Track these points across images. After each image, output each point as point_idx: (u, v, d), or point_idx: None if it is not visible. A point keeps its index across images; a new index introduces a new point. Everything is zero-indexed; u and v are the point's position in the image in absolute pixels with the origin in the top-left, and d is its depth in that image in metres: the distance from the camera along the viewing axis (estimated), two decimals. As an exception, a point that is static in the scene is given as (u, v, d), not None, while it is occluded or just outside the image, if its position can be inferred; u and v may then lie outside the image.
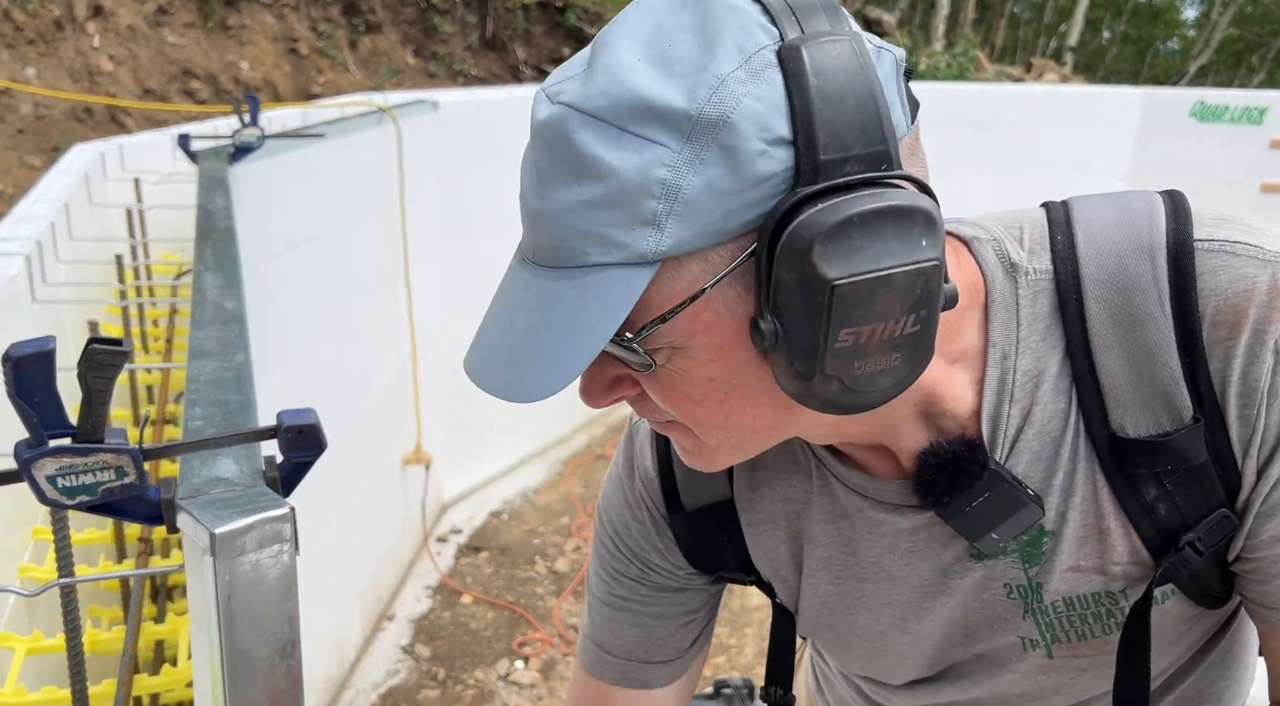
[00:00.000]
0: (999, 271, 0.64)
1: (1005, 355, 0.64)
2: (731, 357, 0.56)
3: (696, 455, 0.65)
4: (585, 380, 0.63)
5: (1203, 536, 0.63)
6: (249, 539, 0.63)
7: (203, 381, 0.86)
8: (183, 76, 6.04)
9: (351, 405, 3.16)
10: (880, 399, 0.56)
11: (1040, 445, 0.64)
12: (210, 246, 1.32)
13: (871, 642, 0.78)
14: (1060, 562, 0.67)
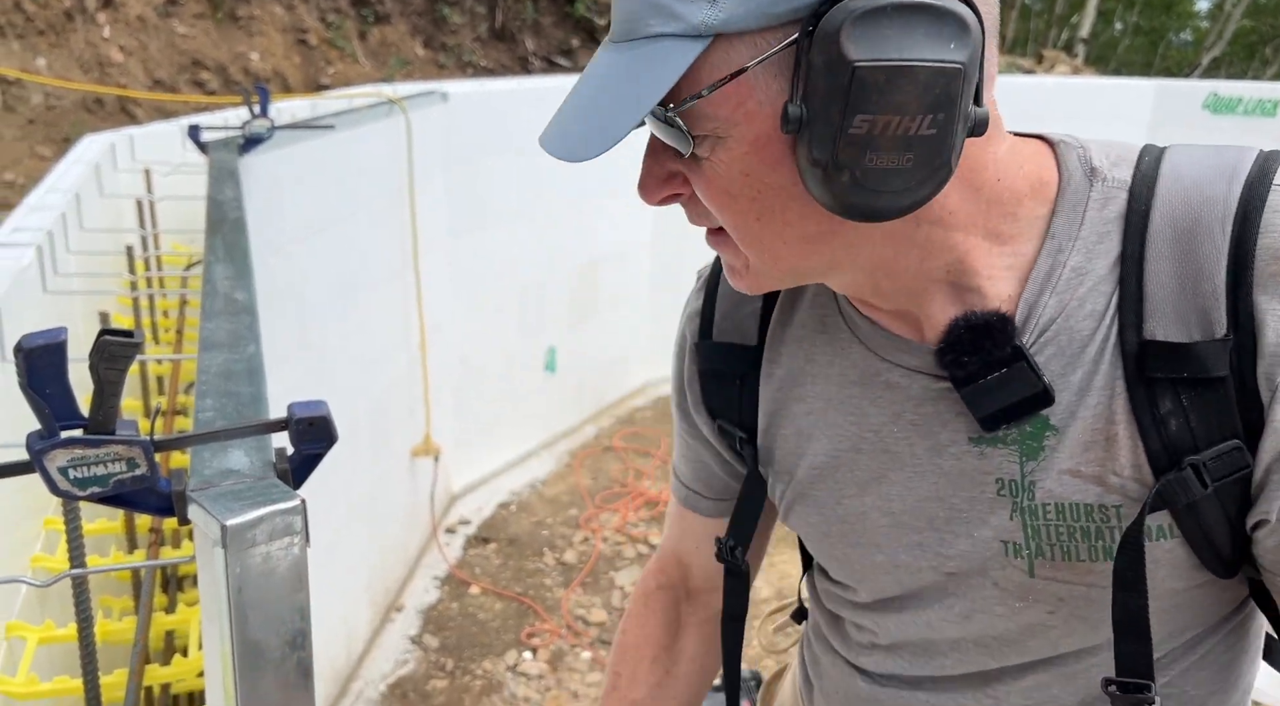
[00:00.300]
0: (1077, 172, 0.66)
1: (1060, 249, 0.65)
2: (767, 152, 0.59)
3: (741, 274, 0.68)
4: (643, 173, 0.66)
5: (1209, 463, 0.61)
6: (260, 531, 0.63)
7: (213, 373, 0.86)
8: (192, 67, 6.05)
9: (360, 396, 3.17)
10: (891, 205, 0.57)
11: (1067, 340, 0.65)
12: (220, 237, 1.32)
13: (851, 525, 0.77)
14: (1059, 462, 0.66)
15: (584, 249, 4.77)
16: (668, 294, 5.38)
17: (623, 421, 5.13)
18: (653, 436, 4.92)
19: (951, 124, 0.55)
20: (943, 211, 0.63)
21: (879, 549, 0.76)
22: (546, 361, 4.68)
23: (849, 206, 0.57)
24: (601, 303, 4.99)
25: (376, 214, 3.27)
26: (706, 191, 0.63)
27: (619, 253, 5.03)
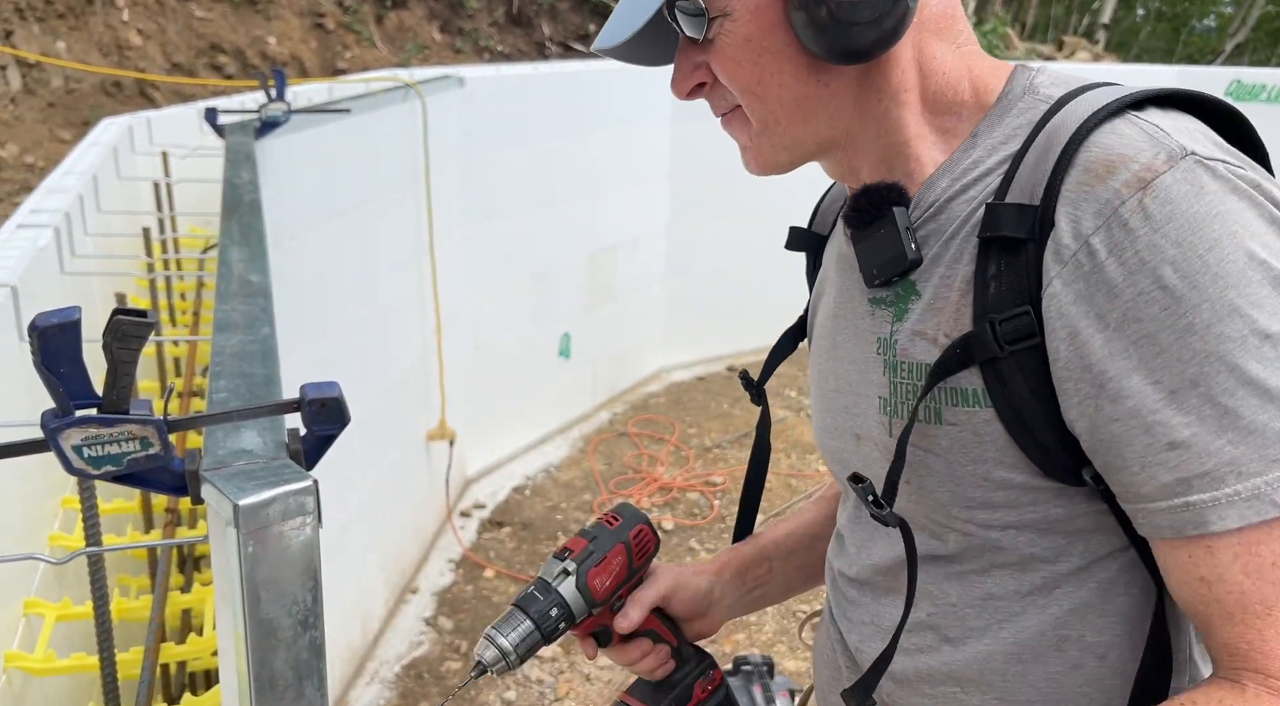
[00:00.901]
0: (1017, 87, 0.74)
1: (974, 146, 0.73)
2: (763, 18, 0.70)
3: (749, 149, 0.78)
4: (675, 69, 0.77)
5: (1002, 324, 0.66)
6: (272, 511, 0.63)
7: (228, 354, 0.86)
8: (210, 51, 6.06)
9: (376, 380, 3.18)
10: (867, 37, 0.67)
11: (947, 219, 0.72)
12: (236, 220, 1.33)
13: (823, 391, 0.87)
14: (912, 324, 0.73)
15: (599, 235, 4.76)
16: (682, 280, 5.39)
17: (637, 407, 5.13)
18: (666, 423, 4.92)
19: None
20: (899, 87, 0.73)
21: (828, 412, 0.86)
22: (561, 347, 4.69)
23: (830, 45, 0.68)
24: (616, 289, 4.98)
25: (392, 198, 3.27)
26: (720, 65, 0.73)
27: (634, 239, 5.02)
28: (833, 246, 0.89)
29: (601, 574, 0.88)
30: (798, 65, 0.71)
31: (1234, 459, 0.60)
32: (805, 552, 1.02)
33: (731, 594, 0.98)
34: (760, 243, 5.59)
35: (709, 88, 0.77)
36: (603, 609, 0.90)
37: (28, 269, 1.19)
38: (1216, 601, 0.63)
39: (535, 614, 0.85)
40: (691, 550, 3.83)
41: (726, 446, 4.69)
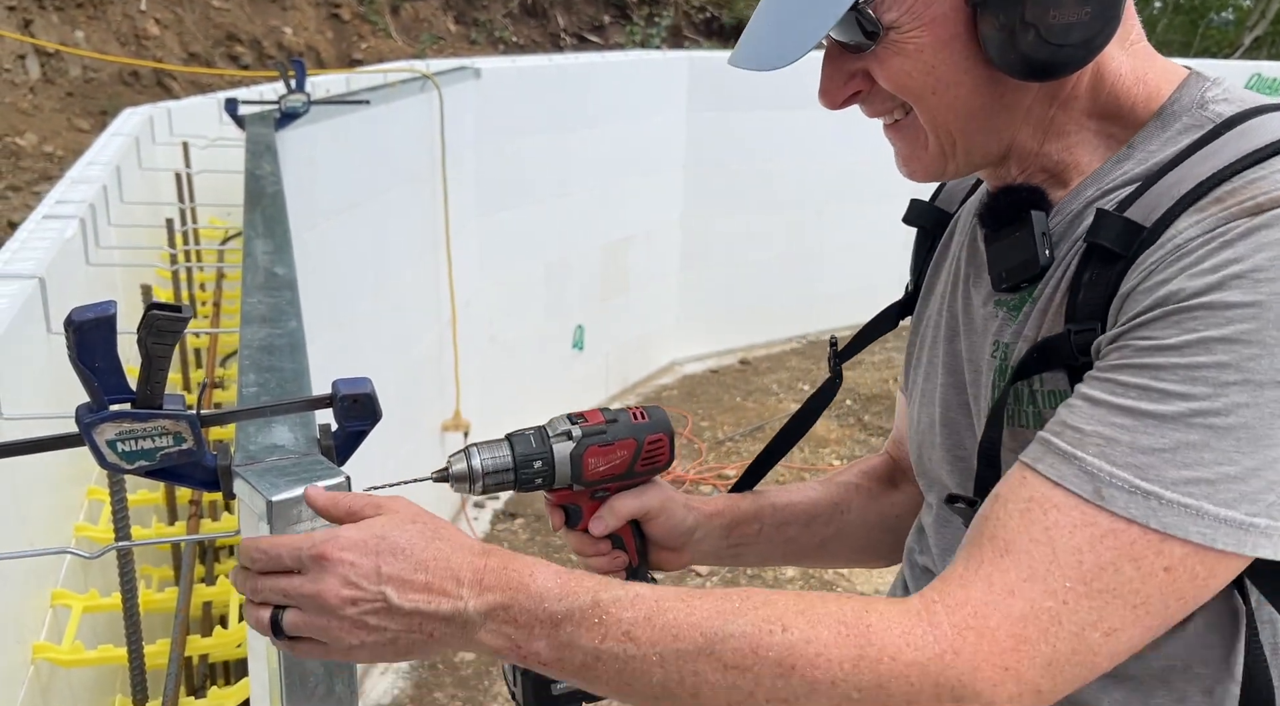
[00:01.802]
0: (1186, 98, 0.71)
1: (1128, 157, 0.70)
2: (942, 31, 0.67)
3: (918, 158, 0.75)
4: (824, 78, 0.74)
5: (1074, 335, 0.66)
6: (305, 507, 0.64)
7: (255, 347, 0.87)
8: (227, 41, 6.07)
9: (391, 371, 3.19)
10: (1070, 58, 0.65)
11: (1079, 226, 0.70)
12: (260, 212, 1.33)
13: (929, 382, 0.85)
14: (1024, 329, 0.72)
15: (613, 227, 4.75)
16: (696, 273, 5.37)
17: (649, 400, 5.12)
18: (678, 415, 4.92)
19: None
20: (1073, 94, 0.71)
21: (928, 406, 0.83)
22: (574, 339, 4.68)
23: (1031, 65, 0.65)
24: (630, 281, 4.98)
25: (408, 189, 3.27)
26: (890, 76, 0.70)
27: (647, 231, 5.01)
28: (962, 234, 0.87)
29: (600, 456, 0.85)
30: (976, 78, 0.69)
31: (1108, 437, 0.59)
32: (798, 528, 0.99)
33: (712, 541, 0.95)
34: (774, 236, 5.59)
35: (865, 94, 0.74)
36: (584, 490, 0.86)
37: (54, 261, 1.19)
38: (985, 519, 0.63)
39: (519, 455, 0.81)
40: (704, 543, 3.83)
41: (739, 439, 4.68)
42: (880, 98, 0.73)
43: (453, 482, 0.80)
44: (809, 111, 4.32)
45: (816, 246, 5.68)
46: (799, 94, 5.28)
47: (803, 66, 0.72)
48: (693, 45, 7.70)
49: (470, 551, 0.63)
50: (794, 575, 3.66)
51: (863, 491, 1.00)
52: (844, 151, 5.48)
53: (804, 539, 0.98)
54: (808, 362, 5.62)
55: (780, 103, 5.26)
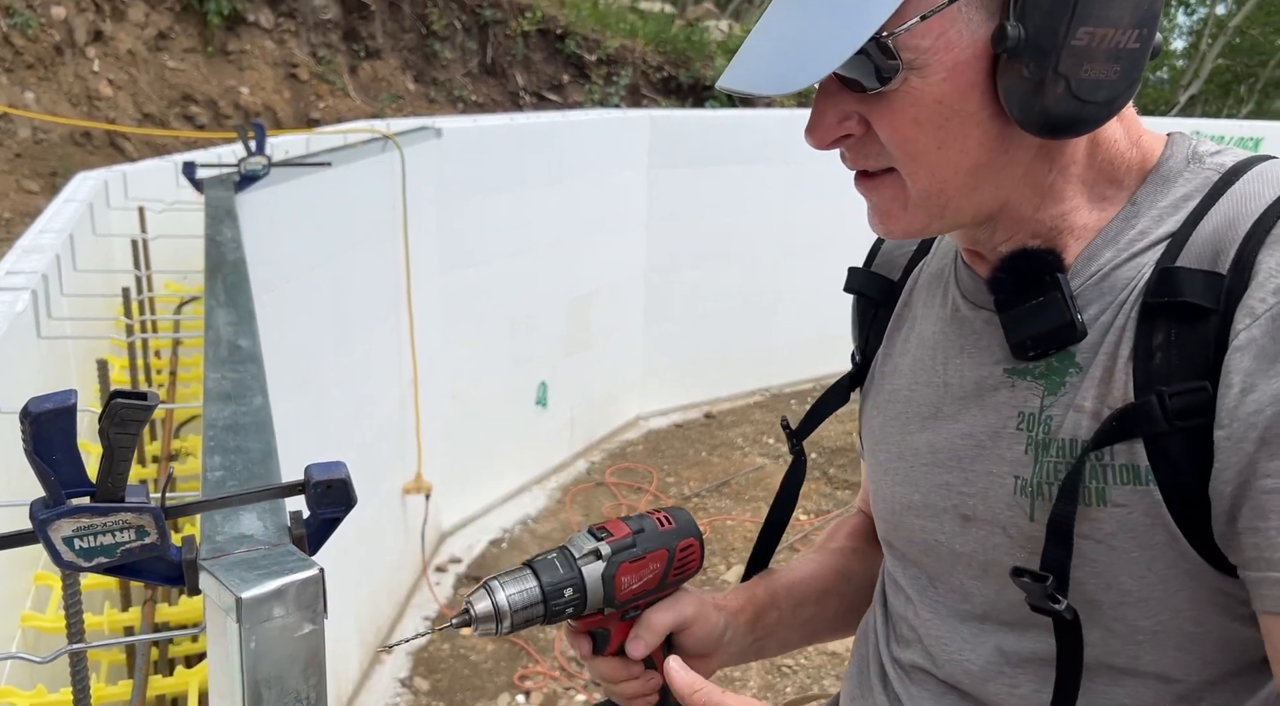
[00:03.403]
0: (1179, 154, 0.71)
1: (1136, 214, 0.69)
2: (962, 78, 0.63)
3: (895, 215, 0.70)
4: (815, 115, 0.68)
5: (1173, 398, 0.62)
6: (277, 603, 0.60)
7: (220, 427, 0.83)
8: (182, 101, 6.04)
9: (353, 433, 3.12)
10: (1092, 116, 0.63)
11: (1110, 287, 0.68)
12: (221, 280, 1.29)
13: (906, 462, 0.80)
14: (1071, 397, 0.68)
15: (576, 282, 4.75)
16: (659, 327, 5.38)
17: (614, 456, 5.08)
18: (644, 471, 4.88)
19: (1151, 38, 0.62)
20: (1071, 159, 0.69)
21: (916, 488, 0.79)
22: (538, 396, 4.65)
23: (1052, 120, 0.62)
24: (593, 336, 4.97)
25: (369, 250, 3.25)
26: (892, 123, 0.65)
27: (611, 285, 5.02)
28: (928, 306, 0.82)
29: (633, 573, 0.78)
30: (986, 132, 0.65)
31: None
32: (812, 606, 0.95)
33: (739, 640, 0.89)
34: (734, 289, 5.64)
35: (855, 140, 0.69)
36: (615, 612, 0.79)
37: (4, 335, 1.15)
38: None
39: (548, 585, 0.74)
40: (673, 603, 3.76)
41: (705, 495, 4.65)
42: (872, 146, 0.68)
43: (477, 626, 0.74)
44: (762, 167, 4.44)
45: (774, 299, 5.74)
46: (755, 150, 5.39)
47: (763, 123, 0.69)
48: (650, 104, 7.83)
49: None
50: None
51: (859, 554, 0.98)
52: (795, 207, 5.58)
53: (819, 617, 0.95)
54: (771, 415, 5.63)
55: (737, 158, 5.34)
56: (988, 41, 0.62)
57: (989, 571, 0.73)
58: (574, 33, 7.82)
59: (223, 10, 6.30)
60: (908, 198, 0.69)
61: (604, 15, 8.25)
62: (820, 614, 0.96)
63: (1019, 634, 0.73)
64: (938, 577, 0.79)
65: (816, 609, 0.95)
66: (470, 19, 7.62)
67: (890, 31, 0.61)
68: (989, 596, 0.74)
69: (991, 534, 0.72)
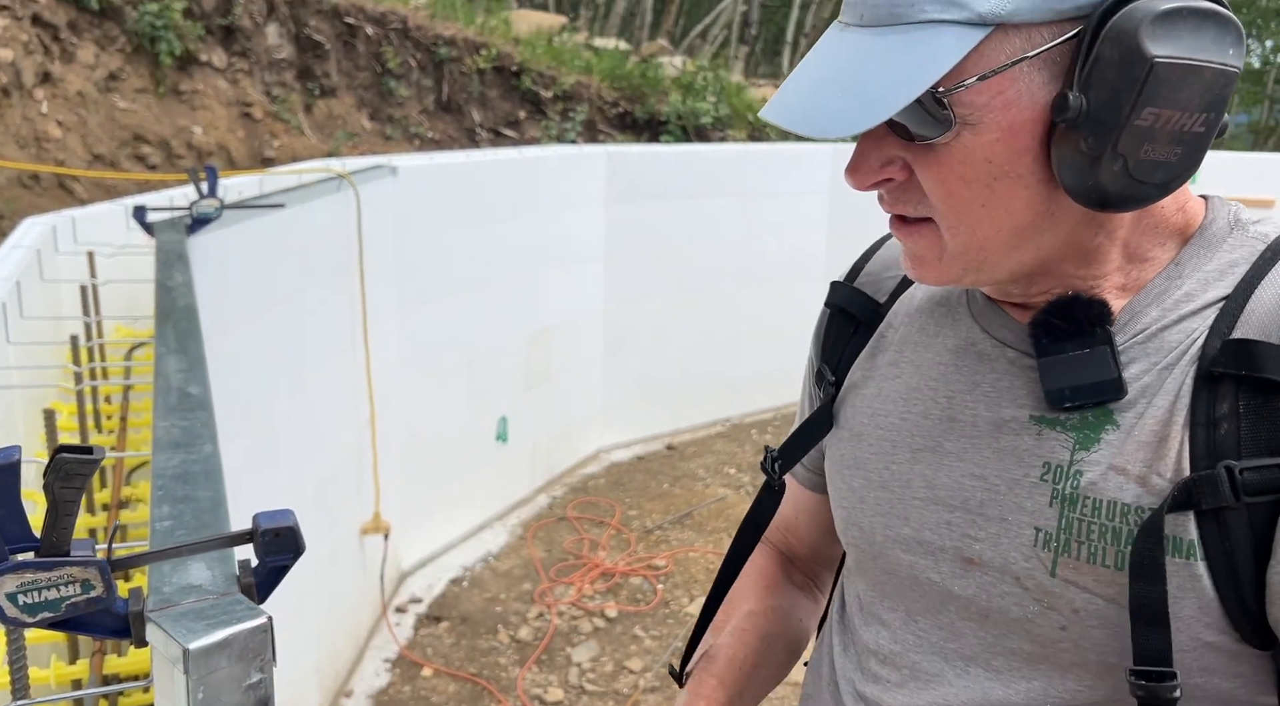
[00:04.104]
0: (1221, 219, 0.70)
1: (1180, 275, 0.68)
2: (1016, 141, 0.61)
3: (931, 264, 0.69)
4: (858, 155, 0.66)
5: (1245, 473, 0.60)
6: (225, 653, 0.60)
7: (169, 476, 0.83)
8: (134, 142, 5.99)
9: (309, 474, 3.09)
10: (1146, 195, 0.61)
11: (1156, 348, 0.66)
12: (171, 326, 1.29)
13: (891, 492, 0.77)
14: (1109, 457, 0.65)
15: (535, 317, 4.77)
16: (619, 359, 5.41)
17: (576, 490, 5.07)
18: (606, 505, 4.87)
19: (1216, 124, 0.61)
20: (1118, 224, 0.67)
21: (906, 522, 0.75)
22: (498, 431, 4.63)
23: (1106, 196, 0.61)
24: (553, 370, 4.97)
25: (325, 288, 3.24)
26: (938, 176, 0.64)
27: (570, 319, 5.04)
28: (917, 326, 0.80)
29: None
30: (1034, 195, 0.63)
31: None
32: (768, 684, 0.92)
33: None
34: (693, 321, 5.68)
35: (896, 185, 0.67)
36: None
37: (-53, 385, 1.13)
38: None
39: None
40: (636, 637, 3.75)
41: (668, 527, 4.65)
42: (913, 193, 0.66)
43: None
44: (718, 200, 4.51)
45: (733, 330, 5.79)
46: (711, 184, 5.47)
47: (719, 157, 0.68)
48: (607, 139, 7.90)
49: None
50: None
51: (779, 613, 0.95)
52: (751, 240, 5.66)
53: (760, 686, 0.92)
54: (732, 446, 5.65)
55: (694, 192, 5.41)
56: (1047, 107, 0.60)
57: (990, 617, 0.71)
58: (530, 69, 7.90)
59: (174, 50, 6.28)
60: (943, 249, 0.67)
61: (559, 52, 8.34)
62: (764, 682, 0.92)
63: (1005, 683, 0.71)
64: (920, 613, 0.76)
65: (767, 687, 0.93)
66: (425, 57, 7.67)
67: (948, 87, 0.60)
68: (984, 641, 0.72)
69: (999, 581, 0.70)
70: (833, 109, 0.61)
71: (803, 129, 0.61)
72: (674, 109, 7.95)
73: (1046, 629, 0.68)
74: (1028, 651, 0.70)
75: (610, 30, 13.09)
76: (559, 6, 13.72)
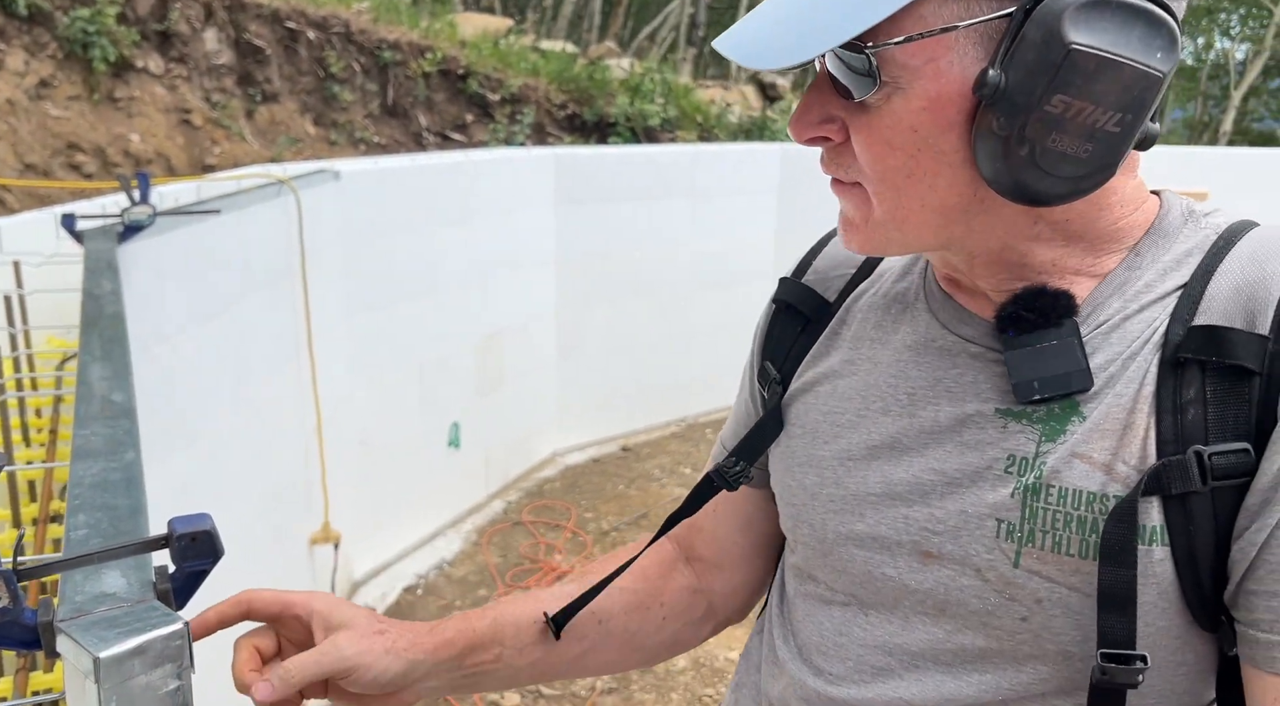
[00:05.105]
0: (1176, 211, 0.70)
1: (1139, 265, 0.68)
2: (942, 114, 0.61)
3: (858, 228, 0.68)
4: (801, 108, 0.66)
5: (1213, 458, 0.60)
6: (139, 661, 0.59)
7: (87, 485, 0.81)
8: (68, 150, 5.84)
9: (255, 486, 3.04)
10: (1051, 190, 0.60)
11: (1118, 338, 0.66)
12: (97, 334, 1.26)
13: (844, 489, 0.76)
14: (1073, 446, 0.65)
15: (486, 321, 4.74)
16: (573, 362, 5.40)
17: (531, 494, 5.05)
18: (562, 508, 4.85)
19: (1134, 128, 0.60)
20: (1065, 216, 0.67)
21: (861, 518, 0.74)
22: (450, 437, 4.59)
23: (1013, 184, 0.60)
24: (506, 374, 4.95)
25: (267, 297, 3.18)
26: (867, 138, 0.63)
27: (521, 323, 5.02)
28: (872, 323, 0.79)
29: None
30: (957, 175, 0.63)
31: None
32: (542, 647, 0.87)
33: (442, 675, 0.83)
34: (646, 322, 5.69)
35: (833, 145, 0.67)
36: None
37: None
38: None
39: None
40: (594, 639, 3.74)
41: (624, 529, 4.65)
42: (846, 157, 0.66)
43: None
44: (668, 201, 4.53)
45: (686, 330, 5.81)
46: (660, 185, 5.49)
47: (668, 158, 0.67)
48: (556, 141, 7.89)
49: None
50: (684, 666, 3.61)
51: (625, 594, 0.91)
52: (701, 240, 5.69)
53: (552, 657, 0.88)
54: (687, 446, 5.67)
55: (644, 194, 5.43)
56: (975, 83, 0.60)
57: (946, 612, 0.71)
58: (476, 73, 7.85)
59: (108, 56, 6.13)
60: (870, 214, 0.67)
61: (506, 55, 8.30)
62: (553, 656, 0.88)
63: (957, 676, 0.71)
64: (871, 608, 0.75)
65: (548, 651, 0.88)
66: (369, 60, 7.58)
67: (880, 42, 0.59)
68: (937, 636, 0.72)
69: (960, 574, 0.69)
70: (768, 44, 0.61)
71: (737, 57, 0.61)
72: (622, 111, 7.95)
73: (1006, 620, 0.68)
74: (981, 646, 0.70)
75: (557, 33, 13.07)
76: (505, 9, 13.66)
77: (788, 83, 9.95)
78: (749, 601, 0.98)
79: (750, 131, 8.70)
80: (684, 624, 0.95)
